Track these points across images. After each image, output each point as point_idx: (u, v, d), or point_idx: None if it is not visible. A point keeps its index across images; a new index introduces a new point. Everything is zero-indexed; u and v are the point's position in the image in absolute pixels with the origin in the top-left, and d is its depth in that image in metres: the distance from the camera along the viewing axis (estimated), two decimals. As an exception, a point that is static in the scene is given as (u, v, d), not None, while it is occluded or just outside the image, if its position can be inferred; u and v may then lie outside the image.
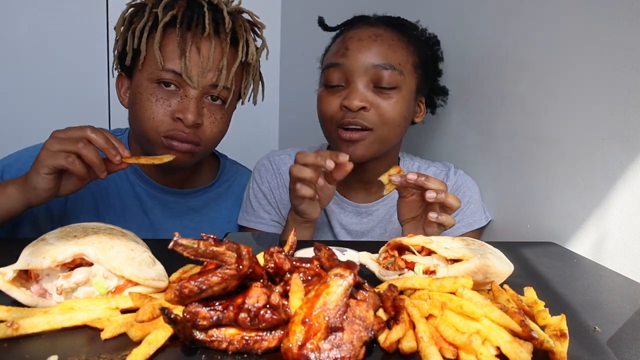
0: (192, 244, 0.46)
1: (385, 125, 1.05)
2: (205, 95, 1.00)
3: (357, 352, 0.45)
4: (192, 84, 0.97)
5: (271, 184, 1.21)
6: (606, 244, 0.88)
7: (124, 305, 0.53)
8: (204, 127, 1.01)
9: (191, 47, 0.96)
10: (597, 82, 0.90)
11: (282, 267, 0.53)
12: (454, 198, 0.87)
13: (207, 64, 0.97)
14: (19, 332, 0.48)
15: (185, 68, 0.96)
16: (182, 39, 0.96)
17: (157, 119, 0.98)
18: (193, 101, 0.98)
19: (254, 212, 1.20)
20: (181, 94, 0.98)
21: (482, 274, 0.60)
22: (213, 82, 0.99)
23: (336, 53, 1.08)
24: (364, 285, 0.52)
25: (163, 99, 0.98)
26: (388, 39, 1.06)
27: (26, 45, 2.04)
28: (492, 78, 1.20)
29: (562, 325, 0.52)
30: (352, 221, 1.20)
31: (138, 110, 0.99)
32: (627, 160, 0.83)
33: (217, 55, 0.99)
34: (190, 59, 0.96)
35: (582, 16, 0.93)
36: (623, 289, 0.73)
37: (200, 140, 1.01)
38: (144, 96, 0.98)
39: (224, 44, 0.99)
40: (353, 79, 1.04)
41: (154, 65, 0.97)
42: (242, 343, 0.46)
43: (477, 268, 0.60)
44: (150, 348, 0.45)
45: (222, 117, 1.04)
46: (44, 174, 0.83)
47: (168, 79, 0.97)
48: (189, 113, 0.96)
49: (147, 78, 0.99)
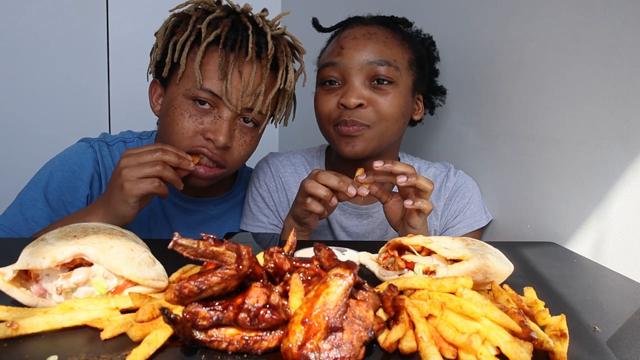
0: (191, 244, 0.46)
1: (383, 121, 1.05)
2: (238, 117, 1.00)
3: (357, 352, 0.45)
4: (231, 107, 0.96)
5: (270, 187, 1.21)
6: (606, 244, 0.88)
7: (124, 305, 0.53)
8: (232, 150, 1.00)
9: (233, 70, 0.95)
10: (597, 82, 0.90)
11: (282, 267, 0.53)
12: (425, 180, 0.88)
13: (246, 88, 0.96)
14: (18, 332, 0.48)
15: (225, 91, 0.95)
16: (225, 61, 0.95)
17: (187, 135, 0.97)
18: (226, 123, 0.97)
19: (253, 215, 1.20)
20: (215, 114, 0.97)
21: (482, 274, 0.60)
22: (249, 106, 0.98)
23: (332, 52, 1.08)
24: (364, 285, 0.52)
25: (196, 117, 0.97)
26: (382, 36, 1.07)
27: (26, 45, 2.04)
28: (492, 78, 1.20)
29: (562, 325, 0.52)
30: (352, 223, 1.20)
31: (169, 123, 0.98)
32: (627, 160, 0.83)
33: (257, 80, 0.98)
34: (232, 82, 0.95)
35: (582, 16, 0.93)
36: (623, 289, 0.73)
37: (227, 162, 1.00)
38: (177, 111, 0.97)
39: (265, 69, 0.98)
40: (349, 77, 1.04)
41: (192, 82, 0.96)
42: (242, 343, 0.46)
43: (477, 268, 0.60)
44: (150, 348, 0.45)
45: (252, 140, 1.04)
46: (132, 203, 0.86)
47: (204, 97, 0.96)
48: (220, 135, 0.96)
49: (183, 93, 0.98)
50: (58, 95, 2.10)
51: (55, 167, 1.07)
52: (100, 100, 2.16)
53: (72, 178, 1.06)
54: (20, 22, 2.02)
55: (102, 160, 1.10)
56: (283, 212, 1.21)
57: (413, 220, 0.92)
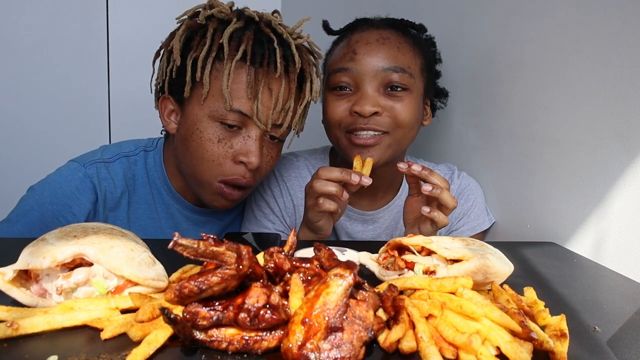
0: (192, 244, 0.46)
1: (400, 128, 1.02)
2: (266, 133, 0.96)
3: (357, 352, 0.45)
4: (262, 125, 0.92)
5: (274, 192, 1.17)
6: (606, 244, 0.88)
7: (124, 305, 0.53)
8: (260, 169, 0.97)
9: (263, 88, 0.90)
10: (597, 82, 0.90)
11: (282, 267, 0.53)
12: (449, 197, 0.87)
13: (276, 105, 0.92)
14: (18, 332, 0.48)
15: (257, 111, 0.90)
16: (255, 79, 0.90)
17: (218, 161, 0.93)
18: (257, 143, 0.93)
19: (257, 221, 1.17)
20: (243, 134, 0.93)
21: (482, 274, 0.60)
22: (279, 122, 0.95)
23: (343, 57, 1.04)
24: (364, 285, 0.52)
25: (225, 140, 0.92)
26: (396, 41, 1.04)
27: (25, 45, 2.04)
28: (492, 78, 1.20)
29: (562, 325, 0.52)
30: (358, 229, 1.18)
31: (196, 149, 0.93)
32: (627, 160, 0.83)
33: (286, 96, 0.94)
34: (263, 102, 0.90)
35: (582, 16, 0.93)
36: (623, 289, 0.73)
37: (254, 183, 0.98)
38: (204, 135, 0.92)
39: (293, 83, 0.94)
40: (363, 84, 1.01)
41: (219, 103, 0.90)
42: (242, 343, 0.46)
43: (477, 268, 0.60)
44: (150, 348, 0.45)
45: (278, 154, 1.02)
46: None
47: (233, 119, 0.91)
48: (253, 156, 0.92)
49: (209, 115, 0.91)
50: (58, 96, 2.10)
51: (45, 199, 0.97)
52: (100, 100, 2.16)
53: (62, 211, 0.97)
54: (20, 22, 2.02)
55: (99, 185, 1.01)
56: (288, 217, 1.18)
57: (425, 227, 0.92)
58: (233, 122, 0.91)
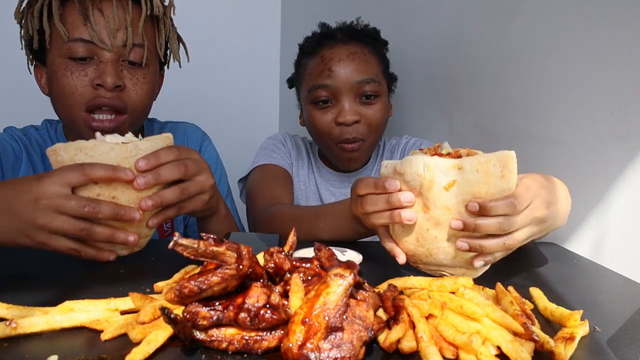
0: (192, 244, 0.46)
1: (374, 132, 1.18)
2: (120, 58, 0.98)
3: (357, 352, 0.45)
4: (106, 46, 0.95)
5: (287, 145, 1.32)
6: (606, 244, 0.88)
7: (124, 306, 0.53)
8: (127, 90, 0.99)
9: (93, 11, 0.95)
10: (597, 82, 0.90)
11: (282, 267, 0.53)
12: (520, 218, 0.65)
13: (113, 24, 0.96)
14: (17, 331, 0.48)
15: (93, 32, 0.94)
16: (82, 6, 0.94)
17: (77, 92, 0.96)
18: (110, 64, 0.96)
19: (268, 154, 1.27)
20: (96, 62, 0.96)
21: (501, 165, 0.62)
22: (124, 41, 0.97)
23: (321, 74, 1.16)
24: (364, 285, 0.52)
25: (79, 71, 0.96)
26: (362, 54, 1.16)
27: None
28: (492, 78, 1.20)
29: (576, 330, 0.51)
30: (337, 186, 1.30)
31: (57, 90, 0.97)
32: (627, 160, 0.83)
33: (122, 14, 0.97)
34: (96, 22, 0.95)
35: (582, 16, 0.93)
36: (623, 289, 0.73)
37: (126, 105, 0.99)
38: (59, 73, 0.96)
39: (124, 1, 0.97)
40: (341, 96, 1.14)
41: (61, 40, 0.95)
42: (242, 343, 0.46)
43: (497, 157, 0.62)
44: (150, 347, 0.45)
45: (145, 78, 1.02)
46: None
47: (79, 51, 0.95)
48: (107, 76, 0.95)
49: (58, 55, 0.96)
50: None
51: None
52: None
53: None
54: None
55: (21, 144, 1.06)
56: None
57: None
58: (81, 53, 0.95)
